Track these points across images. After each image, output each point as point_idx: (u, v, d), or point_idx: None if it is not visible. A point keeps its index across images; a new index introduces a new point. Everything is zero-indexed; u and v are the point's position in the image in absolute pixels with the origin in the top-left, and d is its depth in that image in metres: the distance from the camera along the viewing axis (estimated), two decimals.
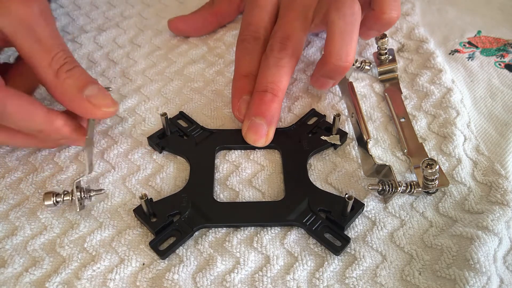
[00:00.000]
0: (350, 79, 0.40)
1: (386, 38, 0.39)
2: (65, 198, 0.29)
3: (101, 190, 0.30)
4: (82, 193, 0.29)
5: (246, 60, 0.36)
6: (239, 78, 0.36)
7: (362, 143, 0.33)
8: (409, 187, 0.30)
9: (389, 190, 0.30)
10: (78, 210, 0.29)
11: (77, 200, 0.28)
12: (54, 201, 0.29)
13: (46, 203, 0.29)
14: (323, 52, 0.34)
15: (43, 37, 0.29)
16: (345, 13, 0.32)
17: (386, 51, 0.40)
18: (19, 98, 0.28)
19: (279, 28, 0.36)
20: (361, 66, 0.41)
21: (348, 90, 0.38)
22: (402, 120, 0.37)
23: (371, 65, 0.41)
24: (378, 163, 0.31)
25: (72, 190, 0.29)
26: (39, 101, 0.29)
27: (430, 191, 0.31)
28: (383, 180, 0.30)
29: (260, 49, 0.37)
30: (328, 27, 0.33)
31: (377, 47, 0.40)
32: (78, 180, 0.29)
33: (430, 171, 0.28)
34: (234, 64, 0.38)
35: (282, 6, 0.38)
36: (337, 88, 0.40)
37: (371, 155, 0.32)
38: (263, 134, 0.33)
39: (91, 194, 0.30)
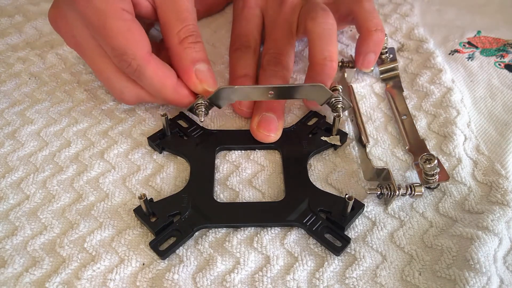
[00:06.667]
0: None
1: (386, 37, 0.39)
2: None
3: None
4: None
5: (241, 64, 0.39)
6: (235, 80, 0.38)
7: (361, 147, 0.33)
8: (409, 189, 0.30)
9: (387, 194, 0.30)
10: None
11: None
12: None
13: None
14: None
15: (182, 10, 0.33)
16: (319, 22, 0.35)
17: (386, 50, 0.41)
18: (158, 65, 0.32)
19: (271, 46, 0.39)
20: None
21: (349, 94, 0.38)
22: (404, 117, 0.37)
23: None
24: (377, 167, 0.31)
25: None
26: (173, 72, 0.33)
27: (431, 186, 0.31)
28: (382, 184, 0.30)
29: (252, 54, 0.39)
30: (308, 36, 0.36)
31: None
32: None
33: (428, 166, 0.28)
34: (229, 70, 0.40)
35: (268, 23, 0.41)
36: None
37: (369, 159, 0.32)
38: (275, 128, 0.34)
39: None
